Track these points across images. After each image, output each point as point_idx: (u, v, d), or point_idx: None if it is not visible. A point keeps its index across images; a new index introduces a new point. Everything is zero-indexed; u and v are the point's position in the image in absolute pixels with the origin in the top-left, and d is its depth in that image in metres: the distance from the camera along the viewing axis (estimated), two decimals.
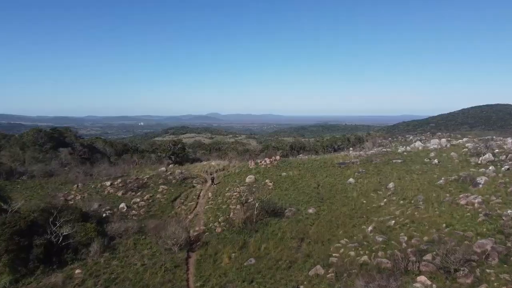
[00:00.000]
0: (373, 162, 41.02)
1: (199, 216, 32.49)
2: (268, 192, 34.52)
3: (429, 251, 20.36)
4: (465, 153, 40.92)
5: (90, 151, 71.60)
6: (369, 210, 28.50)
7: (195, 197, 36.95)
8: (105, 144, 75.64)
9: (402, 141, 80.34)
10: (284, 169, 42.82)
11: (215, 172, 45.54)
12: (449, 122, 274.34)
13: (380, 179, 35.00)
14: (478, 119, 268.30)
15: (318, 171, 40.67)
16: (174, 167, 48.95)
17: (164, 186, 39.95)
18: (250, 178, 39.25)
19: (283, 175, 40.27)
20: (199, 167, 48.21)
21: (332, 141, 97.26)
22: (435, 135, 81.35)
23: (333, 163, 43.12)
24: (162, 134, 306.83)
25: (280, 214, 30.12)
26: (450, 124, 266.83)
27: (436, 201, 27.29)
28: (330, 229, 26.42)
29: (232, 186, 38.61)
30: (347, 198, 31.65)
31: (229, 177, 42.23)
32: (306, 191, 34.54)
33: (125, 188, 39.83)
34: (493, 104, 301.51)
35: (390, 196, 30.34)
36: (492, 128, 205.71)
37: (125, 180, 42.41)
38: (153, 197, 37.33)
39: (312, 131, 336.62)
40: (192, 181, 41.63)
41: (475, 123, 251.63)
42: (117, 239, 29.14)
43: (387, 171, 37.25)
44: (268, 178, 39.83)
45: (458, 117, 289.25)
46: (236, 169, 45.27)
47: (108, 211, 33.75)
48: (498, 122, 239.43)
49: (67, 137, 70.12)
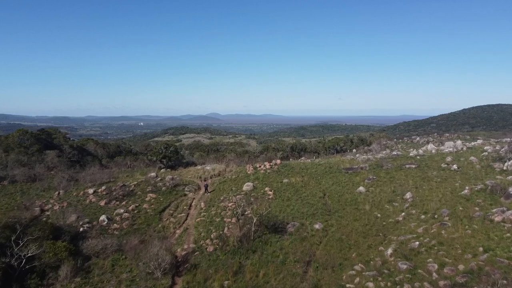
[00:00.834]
0: (383, 168, 36.84)
1: (189, 231, 28.30)
2: (268, 203, 30.35)
3: (469, 285, 16.26)
4: (486, 158, 36.76)
5: (80, 154, 67.40)
6: (386, 227, 24.32)
7: (186, 208, 32.76)
8: (96, 145, 71.41)
9: (408, 143, 76.18)
10: (285, 175, 38.65)
11: (209, 178, 41.37)
12: (450, 122, 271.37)
13: (394, 187, 30.81)
14: (479, 119, 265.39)
15: (323, 178, 36.47)
16: (165, 172, 44.75)
17: (152, 194, 35.77)
18: (247, 186, 35.05)
19: (285, 182, 36.08)
20: (192, 172, 43.99)
21: (334, 143, 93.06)
22: (443, 136, 77.15)
23: (340, 168, 38.94)
24: (161, 135, 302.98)
25: (281, 230, 25.96)
26: (452, 124, 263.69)
27: (465, 217, 23.14)
28: (341, 250, 22.25)
29: (228, 194, 34.43)
30: (359, 211, 27.46)
31: (224, 184, 38.02)
32: (311, 202, 30.35)
33: (109, 196, 35.65)
34: (494, 104, 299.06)
35: (408, 209, 26.17)
36: (494, 128, 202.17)
37: (110, 187, 38.23)
38: (139, 207, 33.13)
39: (312, 131, 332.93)
40: (183, 189, 37.41)
41: (476, 123, 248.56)
42: (93, 259, 25.00)
43: (401, 178, 33.07)
44: (267, 185, 35.63)
45: (459, 117, 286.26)
46: (233, 175, 41.08)
47: (86, 224, 29.55)
48: (500, 122, 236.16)
49: (56, 138, 65.91)
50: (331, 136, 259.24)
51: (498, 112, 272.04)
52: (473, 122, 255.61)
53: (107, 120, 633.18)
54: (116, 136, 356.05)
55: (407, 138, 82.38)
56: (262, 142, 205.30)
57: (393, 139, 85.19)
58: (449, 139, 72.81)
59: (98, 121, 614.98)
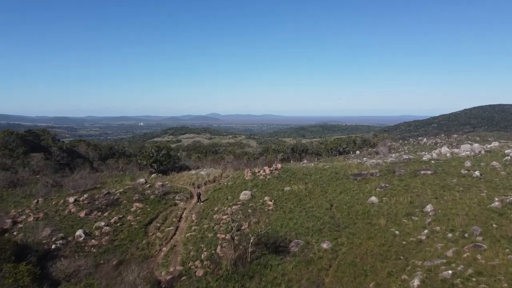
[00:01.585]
0: (396, 174, 32.97)
1: (177, 249, 24.43)
2: (268, 216, 26.52)
3: None
4: (509, 163, 32.93)
5: (70, 156, 63.58)
6: (407, 248, 20.45)
7: (176, 220, 28.89)
8: (88, 147, 67.61)
9: (414, 144, 72.36)
10: (287, 182, 34.79)
11: (203, 185, 37.48)
12: (451, 123, 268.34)
13: (411, 198, 26.93)
14: (480, 119, 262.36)
15: (329, 185, 32.60)
16: (156, 178, 40.89)
17: (139, 203, 31.90)
18: (245, 195, 31.12)
19: (286, 190, 32.19)
20: (185, 178, 40.08)
21: (337, 144, 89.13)
22: (451, 137, 73.32)
23: (347, 174, 35.07)
24: (161, 135, 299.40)
25: (283, 250, 22.11)
26: (453, 124, 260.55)
27: (502, 237, 19.26)
28: (355, 278, 18.39)
29: (223, 204, 30.56)
30: (372, 226, 23.59)
31: (219, 192, 34.13)
32: (317, 214, 26.46)
33: (91, 206, 31.80)
34: (496, 104, 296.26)
35: (431, 225, 22.29)
36: (496, 128, 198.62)
37: (94, 195, 34.40)
38: (122, 219, 29.27)
39: (312, 132, 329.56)
40: (174, 197, 33.54)
41: (478, 123, 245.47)
42: (63, 283, 21.23)
43: (418, 186, 29.19)
44: (267, 194, 31.74)
45: (460, 117, 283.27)
46: (229, 181, 37.22)
47: (60, 240, 25.70)
48: (502, 123, 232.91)
49: (44, 140, 62.08)
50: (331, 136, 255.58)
51: (500, 112, 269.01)
52: (475, 122, 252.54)
53: (107, 120, 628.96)
54: (116, 136, 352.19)
55: (413, 139, 78.52)
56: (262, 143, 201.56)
57: (398, 140, 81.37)
58: (458, 140, 69.01)
59: (98, 121, 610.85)
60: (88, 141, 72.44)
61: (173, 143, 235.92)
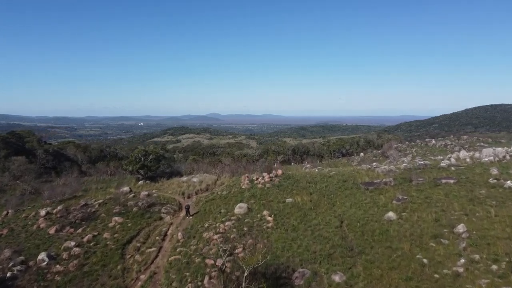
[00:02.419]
0: (413, 183, 28.65)
1: (157, 278, 20.12)
2: (267, 235, 22.24)
3: None
4: None
5: (56, 159, 59.32)
6: (441, 284, 16.11)
7: (159, 238, 24.57)
8: (77, 149, 63.30)
9: (423, 146, 67.94)
10: (288, 191, 30.47)
11: (194, 195, 33.11)
12: (452, 123, 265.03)
13: (436, 214, 22.60)
14: (482, 119, 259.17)
15: (337, 196, 28.26)
16: (143, 185, 36.59)
17: (119, 217, 27.58)
18: (240, 208, 26.72)
19: (288, 202, 27.85)
20: (175, 186, 35.76)
21: (339, 145, 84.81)
22: (461, 138, 68.90)
23: (357, 183, 30.73)
24: (161, 135, 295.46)
25: (285, 283, 17.79)
26: (454, 124, 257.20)
27: None
28: None
29: (215, 219, 26.23)
30: (394, 252, 19.26)
31: (212, 204, 29.76)
32: (325, 234, 22.13)
33: (64, 220, 27.52)
34: (497, 104, 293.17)
35: (468, 252, 17.98)
36: (498, 128, 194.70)
37: (69, 206, 30.11)
38: (98, 237, 24.97)
39: (312, 132, 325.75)
40: (160, 209, 29.19)
41: (479, 124, 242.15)
42: None
43: (441, 199, 24.87)
44: (266, 207, 27.38)
45: (461, 117, 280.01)
46: (224, 189, 32.89)
47: (18, 266, 21.42)
48: (504, 123, 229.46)
49: (29, 142, 57.78)
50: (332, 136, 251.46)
51: (502, 112, 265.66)
52: (476, 122, 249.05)
53: (107, 120, 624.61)
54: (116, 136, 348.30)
55: (420, 141, 74.00)
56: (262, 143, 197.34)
57: (404, 141, 76.90)
58: (470, 142, 64.63)
59: (98, 121, 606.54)
60: (77, 142, 68.15)
61: (173, 143, 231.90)
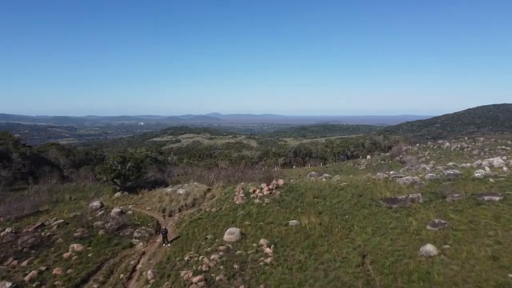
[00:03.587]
0: (447, 200, 22.71)
1: None
2: (264, 276, 16.32)
3: None
4: None
5: (35, 163, 53.50)
6: None
7: (125, 276, 18.63)
8: (59, 152, 57.42)
9: (435, 149, 61.98)
10: (292, 209, 24.51)
11: (177, 211, 27.12)
12: (455, 122, 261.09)
13: (491, 248, 16.66)
14: (485, 119, 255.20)
15: (353, 216, 22.28)
16: (119, 198, 30.62)
17: (78, 244, 21.65)
18: (231, 234, 20.65)
19: (292, 225, 21.87)
20: (157, 199, 29.80)
21: (344, 147, 78.82)
22: (478, 140, 62.86)
23: (375, 198, 24.77)
24: (160, 135, 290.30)
25: None
26: (456, 124, 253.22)
27: None
28: None
29: (198, 249, 20.26)
30: None
31: (197, 226, 23.77)
32: (342, 276, 16.17)
33: (9, 248, 21.63)
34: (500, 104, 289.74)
35: None
36: (501, 128, 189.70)
37: (22, 228, 24.21)
38: (44, 274, 19.01)
39: (313, 131, 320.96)
40: (132, 233, 23.22)
41: (482, 123, 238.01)
42: None
43: (490, 224, 18.89)
44: (264, 232, 21.36)
45: (464, 117, 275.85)
46: (214, 205, 26.92)
47: None
48: (507, 122, 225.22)
49: (3, 144, 51.95)
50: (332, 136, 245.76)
51: (504, 112, 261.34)
52: (479, 122, 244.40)
53: (108, 120, 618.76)
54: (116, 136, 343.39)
55: (431, 143, 67.87)
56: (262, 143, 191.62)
57: (414, 143, 70.77)
58: (488, 145, 58.66)
59: (99, 120, 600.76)
60: (61, 145, 62.23)
61: (172, 143, 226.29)
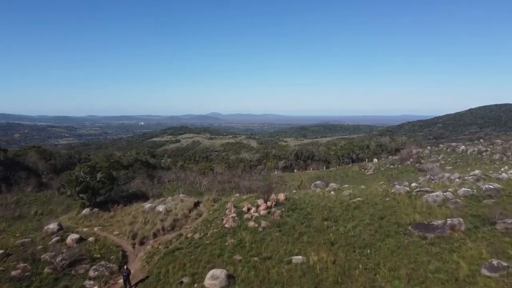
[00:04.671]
0: (498, 228, 17.23)
1: None
2: None
3: None
4: None
5: (11, 168, 48.11)
6: None
7: None
8: (39, 156, 52.02)
9: (450, 152, 56.41)
10: (296, 237, 18.99)
11: (152, 238, 21.42)
12: (457, 123, 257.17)
13: None
14: (487, 119, 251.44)
15: (378, 251, 16.75)
16: (86, 216, 25.03)
17: None
18: (214, 279, 14.99)
19: (296, 262, 16.31)
20: (130, 218, 24.18)
21: (349, 150, 73.15)
22: (495, 143, 57.31)
23: (402, 223, 19.24)
24: (160, 135, 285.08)
25: None
26: (458, 124, 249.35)
27: None
28: None
29: None
30: None
31: (173, 261, 18.11)
32: None
33: None
34: (502, 104, 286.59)
35: None
36: (504, 129, 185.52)
37: None
38: None
39: (314, 131, 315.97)
40: (88, 271, 17.64)
41: (484, 124, 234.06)
42: None
43: None
44: (259, 275, 15.73)
45: (466, 117, 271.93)
46: (198, 229, 21.32)
47: None
48: (509, 123, 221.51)
49: None
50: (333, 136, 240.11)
51: (507, 112, 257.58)
52: (481, 122, 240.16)
53: (108, 120, 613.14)
54: (116, 136, 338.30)
55: (444, 146, 62.10)
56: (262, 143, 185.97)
57: (425, 145, 65.02)
58: (507, 148, 53.13)
59: (99, 120, 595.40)
60: (42, 148, 56.74)
61: (172, 143, 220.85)
